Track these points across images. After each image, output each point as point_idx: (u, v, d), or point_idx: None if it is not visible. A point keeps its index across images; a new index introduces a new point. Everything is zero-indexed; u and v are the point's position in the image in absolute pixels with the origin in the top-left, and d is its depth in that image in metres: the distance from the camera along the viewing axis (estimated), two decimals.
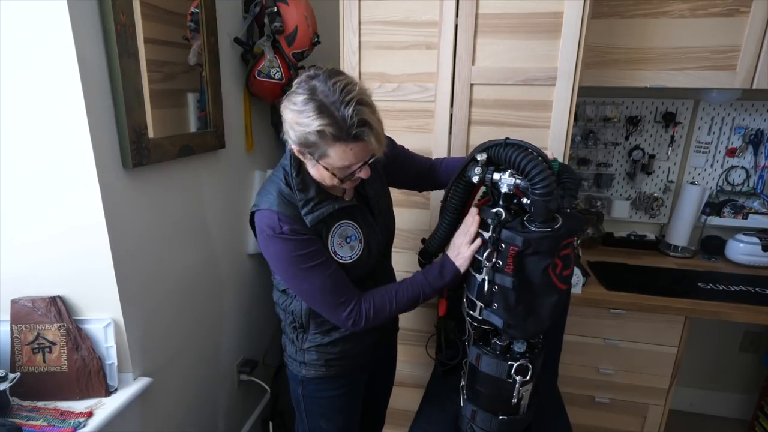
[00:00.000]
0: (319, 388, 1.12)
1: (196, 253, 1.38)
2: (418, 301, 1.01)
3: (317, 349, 1.08)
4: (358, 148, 0.85)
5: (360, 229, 1.01)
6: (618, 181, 1.96)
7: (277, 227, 0.90)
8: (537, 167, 0.81)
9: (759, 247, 1.74)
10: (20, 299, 1.03)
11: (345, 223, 0.99)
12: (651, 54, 1.50)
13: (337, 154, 0.84)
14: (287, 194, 0.93)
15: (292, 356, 1.13)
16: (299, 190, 0.92)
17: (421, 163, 1.20)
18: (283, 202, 0.92)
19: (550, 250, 0.83)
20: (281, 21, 1.47)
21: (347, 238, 0.99)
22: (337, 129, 0.81)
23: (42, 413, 0.99)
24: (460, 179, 1.00)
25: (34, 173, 0.97)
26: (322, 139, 0.82)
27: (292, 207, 0.92)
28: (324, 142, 0.83)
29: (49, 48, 0.89)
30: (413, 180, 1.20)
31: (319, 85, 0.82)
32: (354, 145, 0.84)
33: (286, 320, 1.12)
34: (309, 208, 0.92)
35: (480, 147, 0.95)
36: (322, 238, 0.95)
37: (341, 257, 0.98)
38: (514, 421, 1.01)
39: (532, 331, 0.93)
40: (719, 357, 2.05)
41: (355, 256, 1.00)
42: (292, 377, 1.16)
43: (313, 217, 0.92)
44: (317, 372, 1.10)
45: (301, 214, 0.92)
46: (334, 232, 0.97)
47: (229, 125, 1.48)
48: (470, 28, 1.27)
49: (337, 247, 0.97)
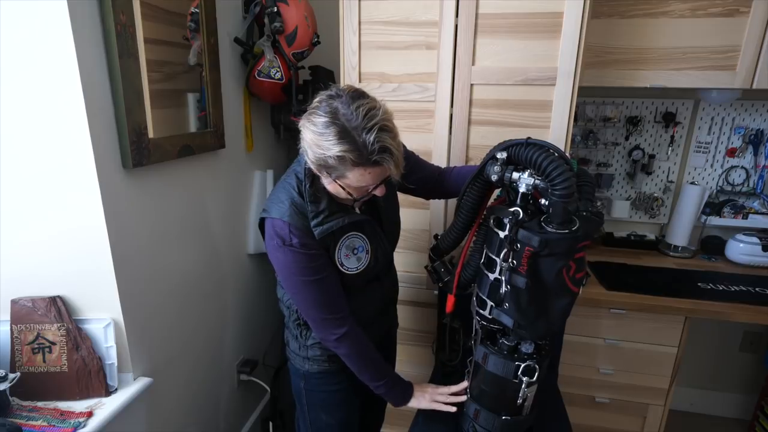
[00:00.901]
0: (321, 382, 1.14)
1: (196, 254, 1.38)
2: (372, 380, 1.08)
3: (321, 345, 1.09)
4: (377, 172, 0.86)
5: (368, 241, 1.02)
6: (618, 181, 1.96)
7: (288, 239, 0.91)
8: (558, 168, 0.79)
9: (759, 247, 1.74)
10: (20, 299, 1.03)
11: (353, 235, 1.00)
12: (651, 54, 1.50)
13: (355, 176, 0.85)
14: (299, 204, 0.94)
15: (296, 352, 1.14)
16: (311, 202, 0.93)
17: (430, 169, 1.20)
18: (295, 212, 0.93)
19: (567, 252, 0.82)
20: (281, 21, 1.47)
21: (354, 250, 1.00)
22: (357, 156, 0.81)
23: (42, 413, 0.99)
24: (478, 177, 0.99)
25: (34, 173, 0.97)
26: (341, 164, 0.83)
27: (303, 218, 0.93)
28: (343, 166, 0.84)
29: (49, 48, 0.89)
30: (421, 186, 1.19)
31: (341, 107, 0.82)
32: (373, 169, 0.85)
33: (290, 317, 1.13)
34: (319, 220, 0.93)
35: (500, 145, 0.93)
36: (329, 250, 0.97)
37: (347, 268, 1.00)
38: (517, 422, 1.01)
39: (542, 332, 0.92)
40: (719, 357, 2.04)
41: (362, 266, 1.02)
42: (295, 371, 1.17)
43: (322, 230, 0.93)
44: (320, 367, 1.12)
45: (310, 226, 0.93)
46: (342, 244, 0.98)
47: (229, 125, 1.48)
48: (470, 28, 1.27)
49: (344, 258, 0.99)
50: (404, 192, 1.19)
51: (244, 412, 1.79)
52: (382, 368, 1.09)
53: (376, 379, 1.08)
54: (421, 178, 1.17)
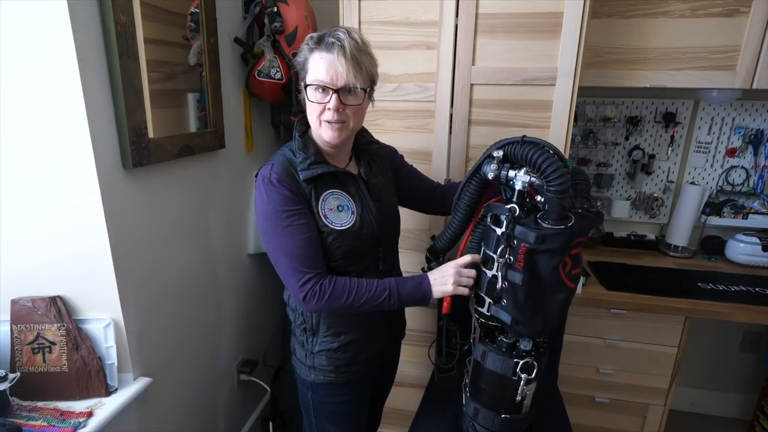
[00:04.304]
0: (328, 393, 1.12)
1: (196, 254, 1.38)
2: (379, 303, 0.97)
3: (327, 354, 1.07)
4: (329, 59, 0.90)
5: (352, 201, 1.02)
6: (618, 181, 1.97)
7: (267, 175, 0.95)
8: (553, 165, 0.81)
9: (759, 247, 1.74)
10: (20, 299, 1.02)
11: (337, 192, 1.01)
12: (651, 54, 1.50)
13: (312, 65, 0.92)
14: (289, 157, 0.99)
15: (302, 360, 1.12)
16: (300, 149, 0.98)
17: (427, 182, 1.23)
18: (283, 160, 0.98)
19: (562, 247, 0.84)
20: (281, 21, 1.47)
21: (339, 206, 1.01)
22: (315, 42, 0.92)
23: (42, 413, 0.99)
24: (475, 175, 1.00)
25: (34, 173, 0.97)
26: (304, 53, 0.94)
27: (288, 164, 0.97)
28: (307, 55, 0.93)
29: (49, 48, 0.89)
30: (415, 197, 1.22)
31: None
32: (326, 55, 0.90)
33: (296, 322, 1.11)
34: (306, 164, 0.96)
35: (496, 144, 0.95)
36: (310, 202, 0.97)
37: (332, 222, 0.98)
38: (517, 420, 1.01)
39: (540, 328, 0.93)
40: (719, 357, 2.04)
41: (348, 224, 1.00)
42: (301, 381, 1.15)
43: (307, 174, 0.95)
44: (326, 378, 1.09)
45: (296, 172, 0.96)
46: (325, 197, 0.99)
47: (229, 125, 1.48)
48: (470, 28, 1.27)
49: (328, 212, 0.99)
50: (403, 205, 1.20)
51: (244, 412, 1.79)
52: (377, 290, 0.97)
53: (380, 303, 0.97)
54: (416, 187, 1.21)
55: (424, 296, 0.99)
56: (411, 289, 0.99)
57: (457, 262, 0.99)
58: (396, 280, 1.00)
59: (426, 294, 0.99)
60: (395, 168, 1.18)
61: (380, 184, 1.09)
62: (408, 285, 0.99)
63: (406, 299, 0.99)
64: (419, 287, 0.99)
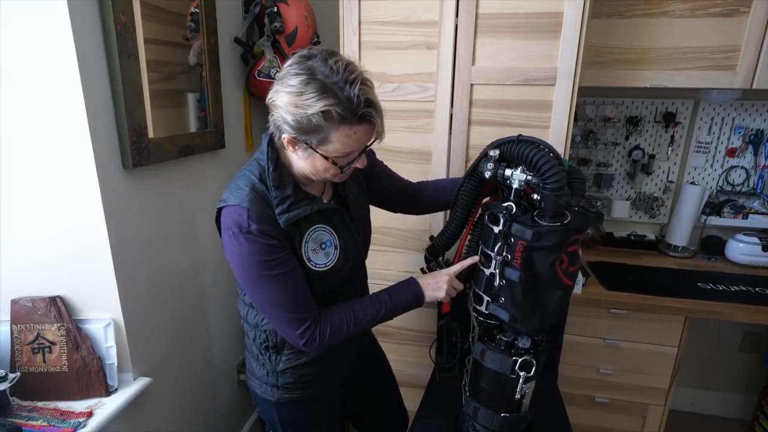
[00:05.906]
0: (295, 410, 1.04)
1: (196, 253, 1.38)
2: (377, 320, 0.95)
3: (293, 371, 0.99)
4: (363, 131, 0.80)
5: (336, 235, 0.94)
6: (618, 181, 1.96)
7: (245, 225, 0.81)
8: (548, 163, 0.82)
9: (759, 247, 1.74)
10: (20, 299, 1.03)
11: (320, 228, 0.91)
12: (651, 54, 1.50)
13: (340, 139, 0.78)
14: (261, 190, 0.84)
15: (262, 380, 1.02)
16: (275, 187, 0.84)
17: (400, 181, 1.16)
18: (256, 198, 0.83)
19: (559, 244, 0.84)
20: (281, 21, 1.47)
21: (322, 244, 0.92)
22: (343, 109, 0.75)
23: (42, 413, 0.99)
24: (473, 175, 1.01)
25: (34, 173, 0.97)
26: (326, 121, 0.76)
27: (264, 204, 0.83)
28: (328, 125, 0.76)
29: (49, 48, 0.89)
30: (388, 197, 1.15)
31: (317, 65, 0.76)
32: (359, 128, 0.78)
33: (256, 339, 1.00)
34: (284, 207, 0.84)
35: (493, 143, 0.95)
36: (294, 244, 0.87)
37: (315, 264, 0.90)
38: (516, 419, 1.02)
39: (538, 325, 0.93)
40: (719, 357, 2.04)
41: (331, 263, 0.92)
42: (263, 402, 1.05)
43: (288, 217, 0.84)
44: (292, 395, 1.01)
45: (273, 214, 0.84)
46: (309, 236, 0.89)
47: (229, 125, 1.48)
48: (470, 28, 1.27)
49: (311, 253, 0.90)
50: (373, 203, 1.13)
51: (244, 412, 1.79)
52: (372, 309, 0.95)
53: (378, 320, 0.95)
54: (390, 186, 1.14)
55: (418, 302, 0.99)
56: (404, 298, 0.98)
57: (452, 270, 1.00)
58: (388, 293, 0.97)
59: (419, 300, 0.99)
60: (367, 170, 1.03)
61: (356, 200, 1.02)
62: (401, 295, 0.97)
63: (401, 309, 0.98)
64: (412, 293, 0.98)
